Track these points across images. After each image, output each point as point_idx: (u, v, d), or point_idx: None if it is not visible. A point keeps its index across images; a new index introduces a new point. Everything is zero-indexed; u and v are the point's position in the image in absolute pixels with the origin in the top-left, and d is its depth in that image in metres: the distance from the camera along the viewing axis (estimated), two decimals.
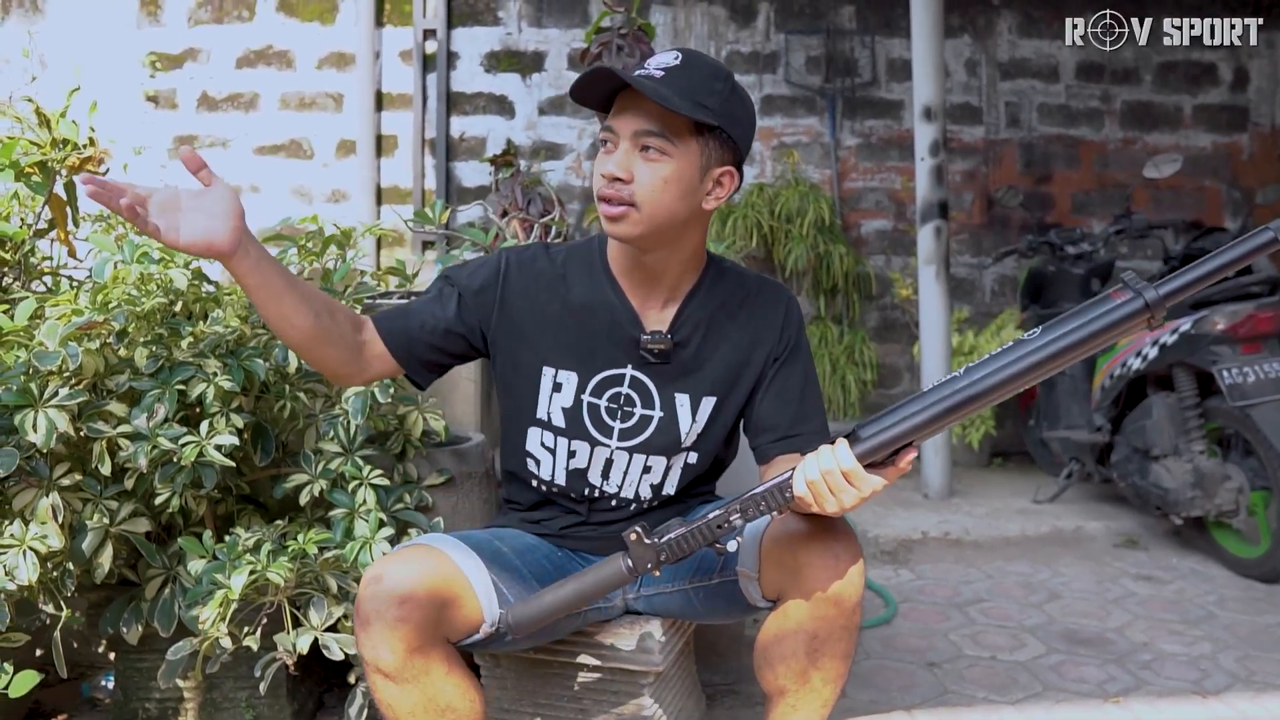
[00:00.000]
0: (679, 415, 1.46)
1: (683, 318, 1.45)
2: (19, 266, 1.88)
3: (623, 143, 1.32)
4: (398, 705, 1.26)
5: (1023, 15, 5.09)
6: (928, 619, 2.60)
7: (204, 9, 4.93)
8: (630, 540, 1.22)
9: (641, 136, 1.31)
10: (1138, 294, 1.11)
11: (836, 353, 4.79)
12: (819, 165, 5.05)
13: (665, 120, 1.31)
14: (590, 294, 1.45)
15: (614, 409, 1.45)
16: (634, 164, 1.31)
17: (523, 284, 1.45)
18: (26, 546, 1.47)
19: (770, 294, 1.51)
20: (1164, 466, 3.11)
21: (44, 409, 1.48)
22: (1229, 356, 2.93)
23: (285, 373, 1.78)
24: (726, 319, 1.47)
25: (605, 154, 1.34)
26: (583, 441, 1.47)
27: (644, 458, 1.48)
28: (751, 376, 1.48)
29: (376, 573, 1.26)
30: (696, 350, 1.46)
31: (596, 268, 1.47)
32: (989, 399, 1.15)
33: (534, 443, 1.50)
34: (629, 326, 1.44)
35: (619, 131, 1.33)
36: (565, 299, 1.45)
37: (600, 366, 1.44)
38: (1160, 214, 4.89)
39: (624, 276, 1.45)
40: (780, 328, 1.49)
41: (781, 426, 1.46)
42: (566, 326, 1.44)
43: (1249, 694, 2.09)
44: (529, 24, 5.00)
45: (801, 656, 1.33)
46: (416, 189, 4.90)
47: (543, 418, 1.47)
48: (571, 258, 1.48)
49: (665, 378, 1.45)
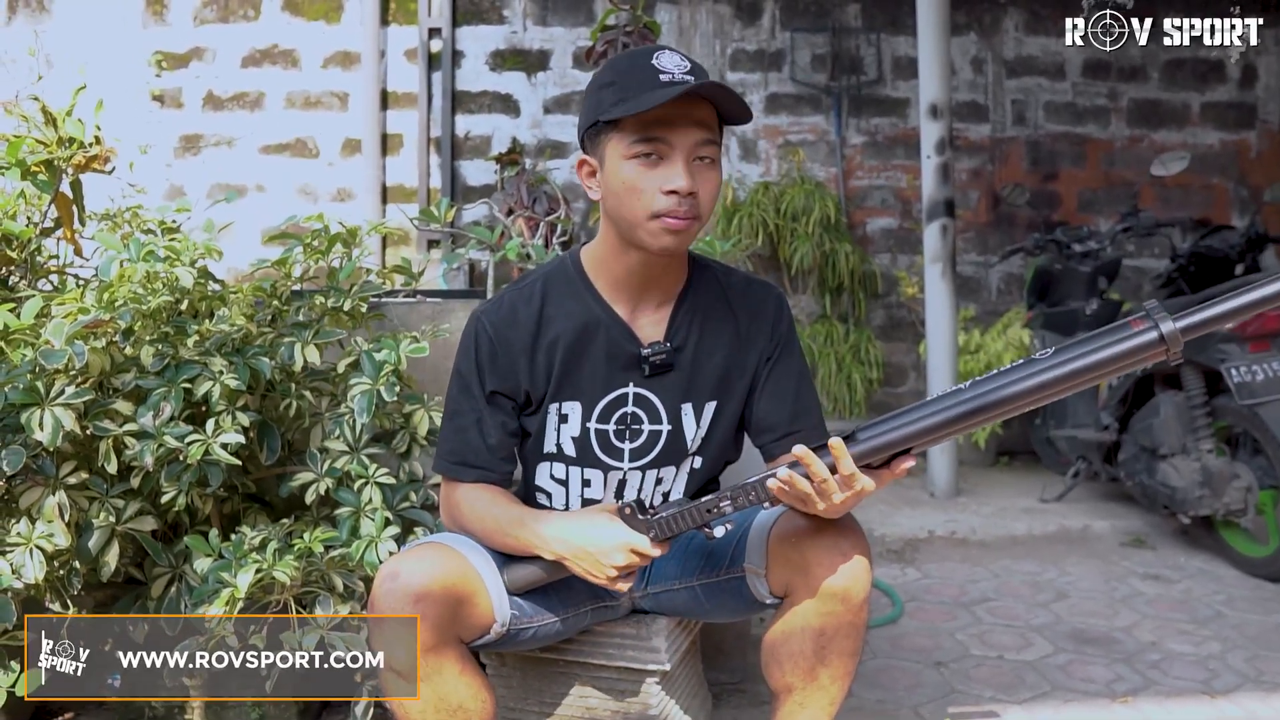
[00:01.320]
0: (684, 425, 1.45)
1: (677, 321, 1.43)
2: (25, 265, 1.88)
3: (678, 154, 1.27)
4: (409, 705, 1.26)
5: (1029, 13, 5.08)
6: (934, 618, 2.59)
7: (209, 8, 4.94)
8: (624, 516, 1.25)
9: (700, 147, 1.28)
10: (1155, 325, 1.07)
11: (842, 351, 4.78)
12: (824, 163, 5.04)
13: (715, 127, 1.30)
14: (579, 318, 1.41)
15: (622, 430, 1.43)
16: (694, 175, 1.28)
17: (505, 340, 1.40)
18: (33, 545, 1.48)
19: (759, 293, 1.49)
20: (1172, 465, 3.10)
21: (50, 407, 1.48)
22: (1237, 355, 2.91)
23: (291, 371, 1.77)
24: (718, 318, 1.46)
25: (649, 167, 1.28)
26: (595, 470, 1.45)
27: (655, 471, 1.47)
28: (746, 377, 1.47)
29: (392, 570, 1.25)
30: (694, 352, 1.44)
31: (579, 288, 1.42)
32: (993, 414, 1.13)
33: (544, 477, 1.49)
34: (626, 343, 1.41)
35: (675, 144, 1.27)
36: (555, 334, 1.40)
37: (602, 391, 1.42)
38: (1167, 212, 4.87)
39: (612, 290, 1.41)
40: (771, 326, 1.47)
41: (781, 425, 1.46)
42: (562, 359, 1.41)
43: (1258, 694, 2.08)
44: (534, 22, 5.00)
45: (809, 653, 1.32)
46: (422, 188, 4.91)
47: (552, 450, 1.45)
48: (549, 286, 1.43)
49: (668, 388, 1.43)
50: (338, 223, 2.01)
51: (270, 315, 1.88)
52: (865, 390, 4.74)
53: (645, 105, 1.23)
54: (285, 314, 1.88)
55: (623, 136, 1.28)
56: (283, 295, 1.89)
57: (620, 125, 1.28)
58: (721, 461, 1.55)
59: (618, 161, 1.30)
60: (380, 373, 1.70)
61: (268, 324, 1.86)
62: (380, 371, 1.70)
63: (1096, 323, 3.68)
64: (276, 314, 1.88)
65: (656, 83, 1.25)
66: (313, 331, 1.77)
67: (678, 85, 1.25)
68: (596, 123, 1.31)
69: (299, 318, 1.85)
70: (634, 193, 1.28)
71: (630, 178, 1.28)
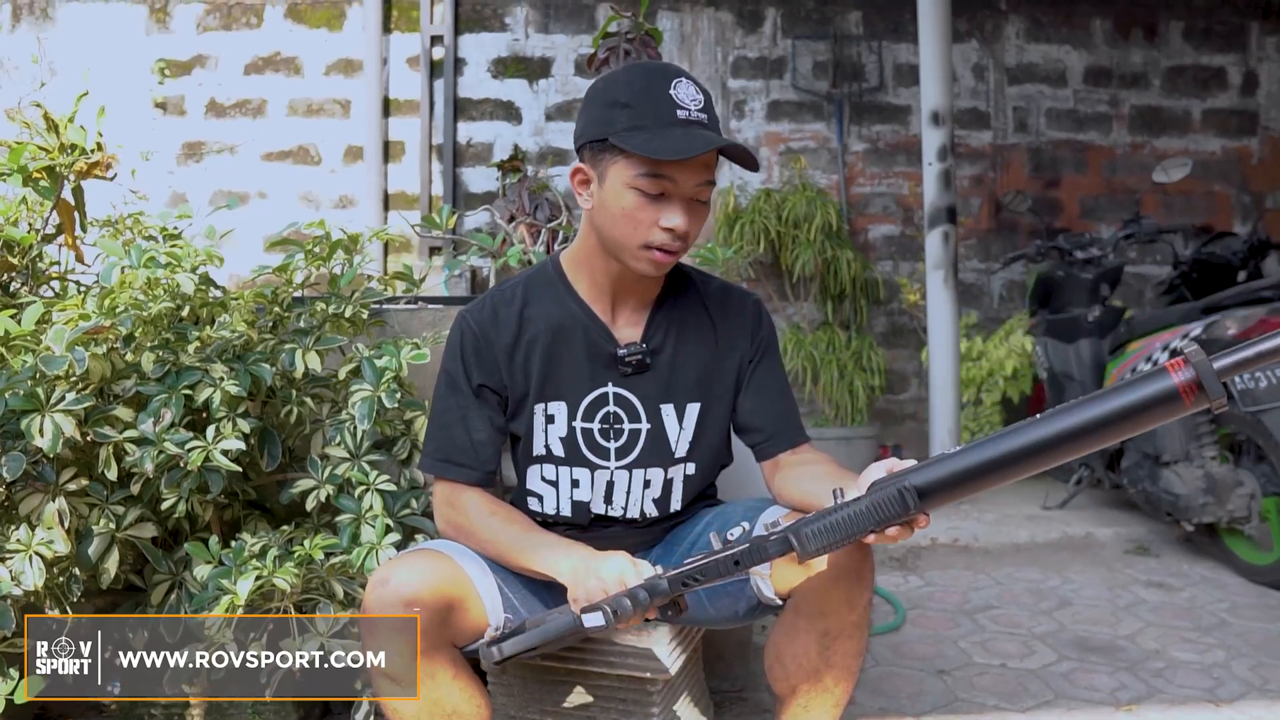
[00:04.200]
0: (666, 425, 1.47)
1: (654, 324, 1.47)
2: (27, 271, 1.88)
3: (680, 193, 1.30)
4: (404, 710, 1.26)
5: (1030, 20, 5.09)
6: (937, 626, 2.58)
7: (212, 16, 4.95)
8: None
9: (700, 188, 1.32)
10: (1191, 367, 0.95)
11: (844, 358, 4.77)
12: (826, 170, 5.05)
13: (715, 165, 1.33)
14: (559, 319, 1.44)
15: (606, 429, 1.46)
16: (690, 213, 1.32)
17: (488, 339, 1.44)
18: (33, 551, 1.47)
19: (737, 299, 1.53)
20: (1175, 472, 3.09)
21: (51, 414, 1.48)
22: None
23: (292, 378, 1.77)
24: (696, 322, 1.49)
25: (650, 200, 1.30)
26: (583, 469, 1.47)
27: (642, 472, 1.48)
28: (729, 379, 1.50)
29: (383, 576, 1.25)
30: (672, 355, 1.47)
31: (559, 289, 1.46)
32: (1018, 469, 1.04)
33: (535, 479, 1.50)
34: (604, 343, 1.45)
35: (680, 183, 1.30)
36: (534, 334, 1.44)
37: (585, 390, 1.45)
38: (1170, 219, 4.88)
39: (591, 293, 1.45)
40: (752, 332, 1.52)
41: (769, 425, 1.49)
42: (544, 359, 1.44)
43: (1263, 702, 2.07)
44: (536, 30, 5.01)
45: (814, 654, 1.32)
46: (424, 194, 4.91)
47: (541, 452, 1.47)
48: (530, 288, 1.47)
49: (646, 389, 1.46)
50: (339, 229, 2.01)
51: (271, 322, 1.88)
52: (867, 397, 4.73)
53: (665, 154, 1.24)
54: (286, 320, 1.88)
55: (630, 164, 1.29)
56: (284, 302, 1.89)
57: (630, 152, 1.28)
58: (715, 467, 1.57)
59: (619, 186, 1.31)
60: (381, 379, 1.70)
61: (269, 330, 1.86)
62: (381, 378, 1.70)
63: (1099, 329, 3.68)
64: (278, 320, 1.88)
65: (674, 119, 1.28)
66: (314, 338, 1.77)
67: (694, 126, 1.28)
68: (605, 138, 1.31)
69: (300, 324, 1.85)
70: (632, 221, 1.31)
71: (630, 207, 1.31)
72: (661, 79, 1.30)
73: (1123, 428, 0.99)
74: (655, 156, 1.25)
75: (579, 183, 1.39)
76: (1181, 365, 0.96)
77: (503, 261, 2.24)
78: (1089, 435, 1.00)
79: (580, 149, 1.38)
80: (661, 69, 1.33)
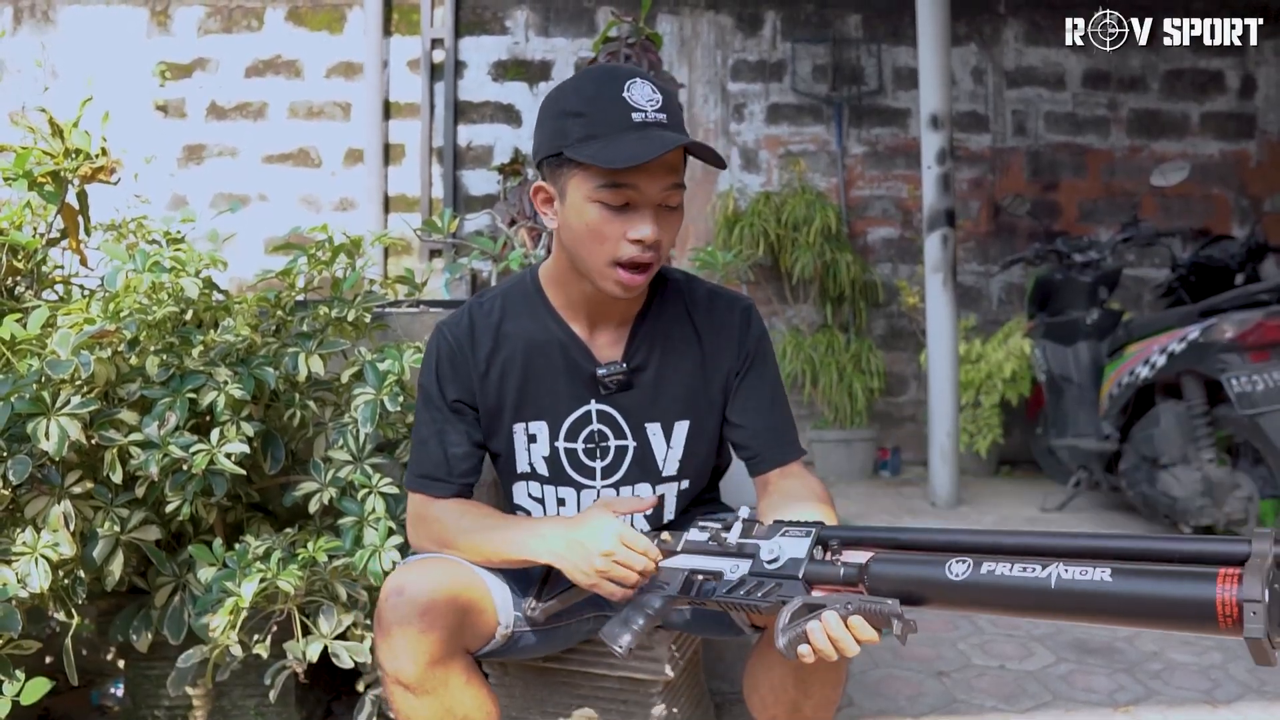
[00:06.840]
0: (652, 444, 1.42)
1: (636, 341, 1.39)
2: (31, 275, 1.89)
3: (646, 202, 1.21)
4: (416, 717, 1.25)
5: (1029, 23, 5.10)
6: (936, 628, 2.59)
7: (213, 19, 4.97)
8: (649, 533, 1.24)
9: (667, 192, 1.23)
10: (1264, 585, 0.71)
11: (843, 361, 4.79)
12: (825, 173, 5.06)
13: (682, 167, 1.25)
14: (537, 335, 1.37)
15: (591, 449, 1.40)
16: (660, 222, 1.23)
17: (463, 353, 1.38)
18: (38, 554, 1.48)
19: (725, 305, 1.43)
20: (1173, 475, 3.10)
21: (56, 417, 1.49)
22: (1238, 364, 2.92)
23: (295, 381, 1.78)
24: (681, 335, 1.41)
25: (615, 212, 1.21)
26: (569, 488, 1.42)
27: (630, 489, 1.43)
28: (716, 394, 1.42)
29: (398, 583, 1.24)
30: (656, 372, 1.39)
31: (537, 305, 1.39)
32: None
33: (521, 496, 1.46)
34: (583, 362, 1.37)
35: (645, 191, 1.20)
36: (511, 351, 1.37)
37: (566, 410, 1.39)
38: (1168, 222, 4.89)
39: (570, 310, 1.37)
40: (738, 341, 1.41)
41: (754, 443, 1.41)
42: (520, 378, 1.38)
43: (1260, 704, 2.08)
44: (536, 33, 5.02)
45: (790, 685, 1.27)
46: (424, 197, 4.92)
47: (525, 470, 1.43)
48: (508, 302, 1.40)
49: (630, 407, 1.40)
50: (341, 233, 2.02)
51: (274, 325, 1.89)
52: (866, 399, 4.75)
53: (619, 161, 1.16)
54: (289, 324, 1.89)
55: (589, 177, 1.20)
56: (287, 305, 1.90)
57: (587, 164, 1.20)
58: (707, 476, 1.52)
59: (581, 201, 1.22)
60: (384, 383, 1.71)
61: (272, 334, 1.87)
62: (384, 381, 1.71)
63: (1097, 332, 3.69)
64: (281, 324, 1.89)
65: (629, 122, 1.18)
66: (317, 342, 1.78)
67: (651, 128, 1.19)
68: (559, 152, 1.22)
69: (303, 328, 1.85)
70: (597, 238, 1.23)
71: (594, 222, 1.22)
72: (613, 82, 1.21)
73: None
74: (610, 165, 1.16)
75: (541, 201, 1.31)
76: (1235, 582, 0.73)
77: (504, 265, 2.25)
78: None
79: (539, 165, 1.28)
80: (612, 71, 1.24)
